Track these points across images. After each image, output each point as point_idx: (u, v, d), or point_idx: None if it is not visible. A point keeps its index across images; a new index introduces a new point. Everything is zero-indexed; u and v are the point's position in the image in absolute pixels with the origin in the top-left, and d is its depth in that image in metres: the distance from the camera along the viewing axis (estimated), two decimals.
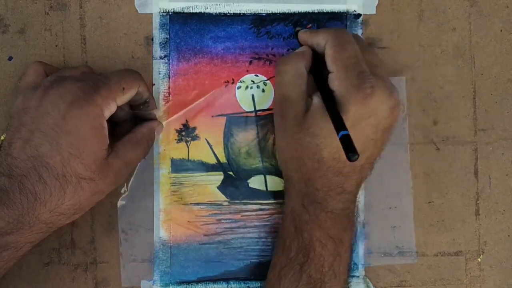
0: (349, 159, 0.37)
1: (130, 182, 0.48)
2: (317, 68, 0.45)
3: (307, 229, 0.43)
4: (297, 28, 0.49)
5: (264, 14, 0.49)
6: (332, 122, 0.39)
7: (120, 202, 0.48)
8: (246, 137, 0.49)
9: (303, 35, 0.46)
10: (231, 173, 0.49)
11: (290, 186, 0.45)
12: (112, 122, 0.44)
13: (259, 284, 0.49)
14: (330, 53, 0.42)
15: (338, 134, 0.38)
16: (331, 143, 0.42)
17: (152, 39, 0.49)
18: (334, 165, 0.42)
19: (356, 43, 0.43)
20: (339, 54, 0.42)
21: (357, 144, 0.37)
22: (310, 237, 0.43)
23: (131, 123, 0.47)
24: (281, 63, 0.45)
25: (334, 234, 0.43)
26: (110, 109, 0.41)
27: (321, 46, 0.44)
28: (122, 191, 0.48)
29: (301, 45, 0.47)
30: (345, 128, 0.38)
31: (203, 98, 0.49)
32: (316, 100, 0.43)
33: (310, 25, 0.49)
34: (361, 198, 0.50)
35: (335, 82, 0.42)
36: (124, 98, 0.42)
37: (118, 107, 0.42)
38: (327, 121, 0.40)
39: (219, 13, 0.49)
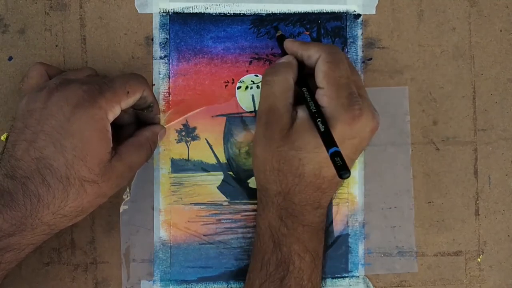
0: (341, 176, 0.36)
1: (132, 185, 0.48)
2: (302, 80, 0.44)
3: (285, 242, 0.43)
4: (279, 33, 0.48)
5: (264, 14, 0.49)
6: (321, 138, 0.39)
7: (122, 207, 0.48)
8: (246, 137, 0.49)
9: (291, 44, 0.46)
10: (231, 173, 0.49)
11: (268, 199, 0.45)
12: (116, 125, 0.44)
13: None
14: (323, 69, 0.42)
15: (328, 150, 0.38)
16: (314, 159, 0.42)
17: (152, 39, 0.49)
18: (314, 181, 0.43)
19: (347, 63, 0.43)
20: (332, 72, 0.42)
21: None
22: (288, 251, 0.43)
23: (134, 127, 0.47)
24: (270, 73, 0.45)
25: (311, 247, 0.44)
26: (114, 112, 0.41)
27: (312, 59, 0.44)
28: (125, 196, 0.48)
29: (283, 51, 0.47)
30: (336, 145, 0.38)
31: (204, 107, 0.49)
32: (302, 113, 0.43)
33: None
34: (360, 198, 0.50)
35: (325, 98, 0.42)
36: (128, 101, 0.42)
37: (122, 111, 0.42)
38: (313, 136, 0.41)
39: (219, 13, 0.49)
